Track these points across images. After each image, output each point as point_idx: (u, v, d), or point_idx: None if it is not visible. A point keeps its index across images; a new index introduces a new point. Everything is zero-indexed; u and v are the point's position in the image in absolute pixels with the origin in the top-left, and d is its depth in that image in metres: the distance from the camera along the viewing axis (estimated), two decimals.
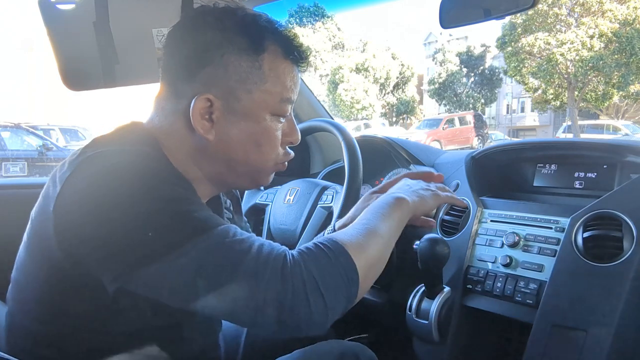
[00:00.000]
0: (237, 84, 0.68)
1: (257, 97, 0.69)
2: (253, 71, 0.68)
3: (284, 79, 0.70)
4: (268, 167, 0.75)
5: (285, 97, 0.71)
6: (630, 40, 15.91)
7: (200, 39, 0.68)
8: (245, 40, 0.67)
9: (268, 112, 0.70)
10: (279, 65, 0.70)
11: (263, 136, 0.71)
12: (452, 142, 16.90)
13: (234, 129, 0.69)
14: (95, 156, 0.63)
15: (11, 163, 8.16)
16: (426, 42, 31.07)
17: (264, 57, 0.68)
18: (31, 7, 1.03)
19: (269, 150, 0.73)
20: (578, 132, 16.20)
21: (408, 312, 1.06)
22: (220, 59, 0.67)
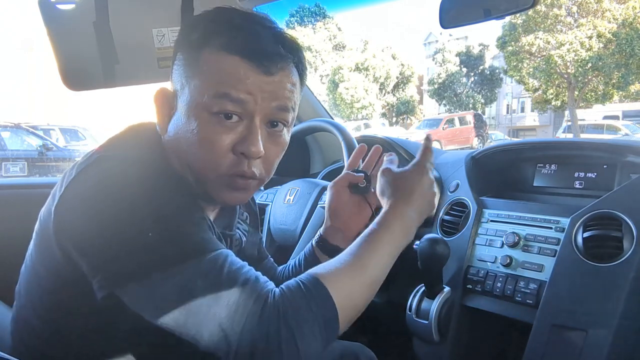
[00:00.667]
0: (181, 79, 0.66)
1: (191, 91, 0.65)
2: (191, 64, 0.65)
3: (220, 73, 0.64)
4: (213, 177, 0.66)
5: (220, 92, 0.63)
6: (629, 40, 15.92)
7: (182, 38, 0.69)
8: (193, 35, 0.66)
9: (203, 109, 0.64)
10: (218, 59, 0.64)
11: (199, 137, 0.64)
12: (452, 142, 16.90)
13: (177, 126, 0.67)
14: (100, 161, 0.63)
15: (11, 163, 8.16)
16: (426, 42, 31.08)
17: (204, 51, 0.64)
18: (31, 7, 1.03)
19: (207, 155, 0.65)
20: (578, 132, 16.20)
21: (408, 312, 1.06)
22: (177, 55, 0.68)
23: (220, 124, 0.64)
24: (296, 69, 0.69)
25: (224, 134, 0.64)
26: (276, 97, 0.66)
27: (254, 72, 0.64)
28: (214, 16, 0.67)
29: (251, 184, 0.69)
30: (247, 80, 0.64)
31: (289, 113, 0.69)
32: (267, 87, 0.65)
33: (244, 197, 0.71)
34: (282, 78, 0.66)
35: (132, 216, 0.58)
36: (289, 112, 0.68)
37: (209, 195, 0.69)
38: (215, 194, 0.68)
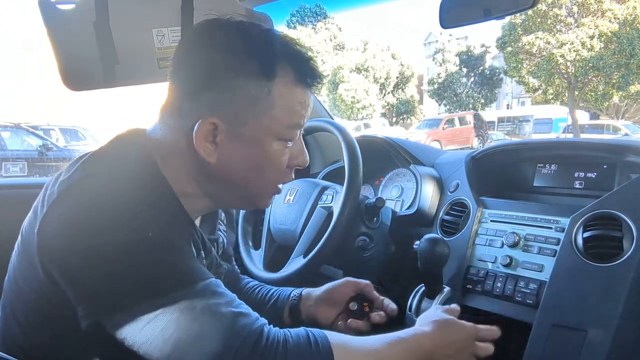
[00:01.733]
0: (244, 109, 0.65)
1: (264, 124, 0.66)
2: (262, 97, 0.65)
3: (294, 105, 0.67)
4: (269, 191, 0.74)
5: (293, 122, 0.68)
6: (630, 40, 15.91)
7: (209, 59, 0.65)
8: (255, 64, 0.64)
9: (275, 137, 0.67)
10: (290, 91, 0.66)
11: (267, 162, 0.68)
12: (452, 142, 16.89)
13: (238, 154, 0.67)
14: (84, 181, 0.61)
15: (11, 163, 8.16)
16: (426, 42, 31.08)
17: (275, 82, 0.65)
18: (31, 7, 1.03)
19: (271, 175, 0.70)
20: (578, 132, 16.20)
21: (408, 312, 1.06)
22: (227, 82, 0.64)
23: (285, 146, 0.70)
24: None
25: (285, 154, 0.70)
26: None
27: (309, 96, 0.70)
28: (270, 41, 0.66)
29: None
30: (307, 105, 0.70)
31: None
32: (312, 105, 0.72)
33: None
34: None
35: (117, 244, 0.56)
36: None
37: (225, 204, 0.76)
38: (260, 202, 0.74)
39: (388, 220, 1.21)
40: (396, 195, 1.40)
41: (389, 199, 1.41)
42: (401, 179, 1.43)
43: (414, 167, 1.35)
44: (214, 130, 0.65)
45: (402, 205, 1.37)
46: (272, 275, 1.16)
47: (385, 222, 1.21)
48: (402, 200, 1.38)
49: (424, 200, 1.24)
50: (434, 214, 1.23)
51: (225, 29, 0.66)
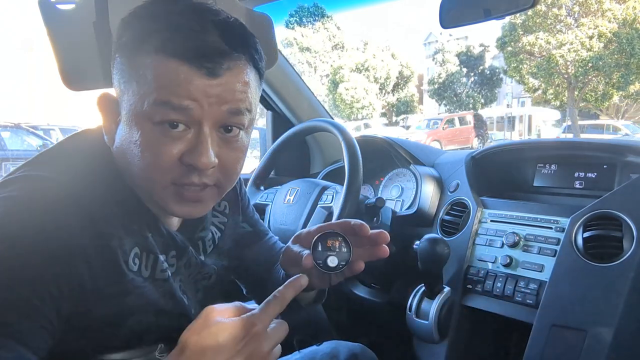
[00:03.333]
0: (119, 85, 0.60)
1: (129, 99, 0.58)
2: (127, 69, 0.59)
3: (159, 79, 0.56)
4: (158, 188, 0.60)
5: (160, 99, 0.56)
6: (630, 40, 15.92)
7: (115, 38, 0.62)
8: (126, 35, 0.59)
9: (147, 118, 0.58)
10: (156, 64, 0.57)
11: (143, 147, 0.58)
12: (452, 142, 16.90)
13: (121, 136, 0.61)
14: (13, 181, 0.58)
15: (11, 163, 8.15)
16: (426, 42, 31.07)
17: (139, 54, 0.58)
18: (31, 7, 1.03)
19: (152, 166, 0.59)
20: (578, 132, 16.21)
21: (408, 312, 1.06)
22: (115, 57, 0.61)
23: (165, 134, 0.58)
24: (250, 65, 0.61)
25: (170, 144, 0.58)
26: (225, 101, 0.58)
27: (196, 75, 0.56)
28: (148, 12, 0.59)
29: (206, 195, 0.63)
30: (190, 86, 0.56)
31: (244, 116, 0.61)
32: (214, 91, 0.57)
33: (200, 210, 0.64)
34: (230, 79, 0.58)
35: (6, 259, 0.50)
36: (244, 114, 0.61)
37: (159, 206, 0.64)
38: (166, 206, 0.62)
39: (388, 220, 1.21)
40: (396, 195, 1.40)
41: (389, 199, 1.41)
42: (401, 179, 1.44)
43: (414, 167, 1.35)
44: (111, 104, 0.62)
45: (402, 205, 1.37)
46: None
47: (385, 222, 1.21)
48: (402, 200, 1.38)
49: (424, 200, 1.24)
50: (434, 214, 1.23)
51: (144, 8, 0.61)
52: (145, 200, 0.64)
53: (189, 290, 0.73)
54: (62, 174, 0.59)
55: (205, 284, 0.76)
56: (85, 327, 0.57)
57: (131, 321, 0.61)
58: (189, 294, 0.72)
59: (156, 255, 0.65)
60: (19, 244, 0.51)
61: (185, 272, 0.72)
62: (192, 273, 0.73)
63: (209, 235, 0.77)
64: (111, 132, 0.62)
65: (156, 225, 0.66)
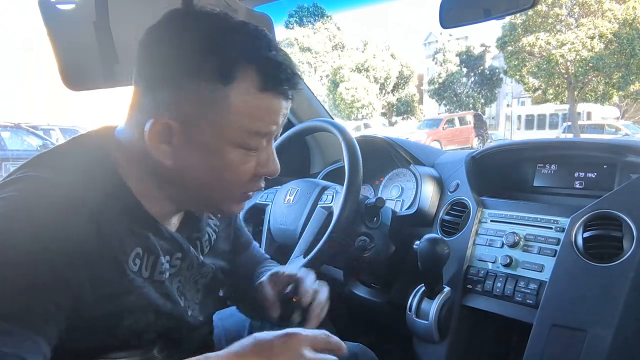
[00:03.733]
0: (198, 112, 0.60)
1: (220, 129, 0.61)
2: (217, 101, 0.60)
3: (256, 112, 0.61)
4: (234, 197, 0.69)
5: (255, 130, 0.62)
6: (630, 40, 15.91)
7: (168, 54, 0.60)
8: (212, 65, 0.59)
9: (234, 145, 0.62)
10: (252, 97, 0.60)
11: (227, 170, 0.64)
12: (452, 142, 16.90)
13: (195, 158, 0.63)
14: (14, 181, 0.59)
15: (11, 163, 8.15)
16: (426, 42, 31.07)
17: (233, 87, 0.59)
18: (31, 7, 1.03)
19: (234, 182, 0.65)
20: (578, 132, 16.20)
21: (408, 312, 1.06)
22: (183, 81, 0.60)
23: (247, 154, 0.64)
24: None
25: (248, 162, 0.65)
26: (285, 116, 0.67)
27: (281, 102, 0.64)
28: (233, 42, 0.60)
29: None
30: (276, 113, 0.64)
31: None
32: (286, 112, 0.66)
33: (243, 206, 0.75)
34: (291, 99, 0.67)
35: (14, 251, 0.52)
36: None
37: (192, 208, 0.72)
38: (225, 209, 0.71)
39: (388, 220, 1.21)
40: (396, 195, 1.40)
41: (389, 199, 1.41)
42: (401, 179, 1.44)
43: (414, 167, 1.35)
44: (169, 130, 0.61)
45: (402, 205, 1.37)
46: None
47: (385, 222, 1.21)
48: (402, 200, 1.38)
49: (424, 200, 1.24)
50: (434, 214, 1.23)
51: (188, 21, 0.61)
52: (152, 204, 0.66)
53: (189, 291, 0.74)
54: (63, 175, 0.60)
55: (204, 282, 0.77)
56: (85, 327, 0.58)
57: (130, 321, 0.62)
58: (187, 295, 0.73)
59: (157, 256, 0.66)
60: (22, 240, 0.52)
61: (187, 273, 0.73)
62: (193, 274, 0.74)
63: (205, 236, 0.79)
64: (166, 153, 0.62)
65: (157, 228, 0.66)
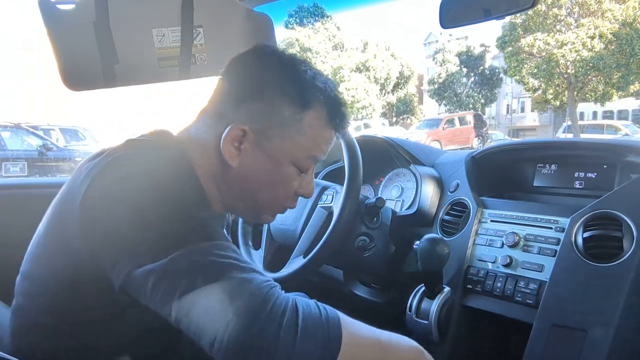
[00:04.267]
0: (274, 127, 0.72)
1: (287, 146, 0.72)
2: (293, 122, 0.72)
3: (318, 139, 0.74)
4: (273, 208, 0.80)
5: (313, 154, 0.75)
6: (630, 40, 15.92)
7: (263, 74, 0.73)
8: (296, 91, 0.72)
9: (292, 162, 0.74)
10: (319, 126, 0.74)
11: (279, 181, 0.75)
12: (452, 142, 16.89)
13: (257, 165, 0.73)
14: (125, 157, 0.66)
15: (11, 163, 8.16)
16: (426, 42, 31.07)
17: (308, 113, 0.72)
18: (31, 7, 1.03)
19: (280, 195, 0.76)
20: (578, 132, 16.20)
21: (408, 312, 1.06)
22: (270, 98, 0.72)
23: (298, 174, 0.76)
24: None
25: (294, 181, 0.76)
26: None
27: (334, 137, 0.78)
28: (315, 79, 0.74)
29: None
30: (329, 145, 0.77)
31: None
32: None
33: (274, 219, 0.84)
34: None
35: (156, 208, 0.61)
36: None
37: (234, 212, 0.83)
38: (263, 218, 0.81)
39: (388, 220, 1.21)
40: (396, 195, 1.40)
41: (389, 199, 1.41)
42: (401, 179, 1.44)
43: (414, 167, 1.35)
44: (242, 136, 0.71)
45: (402, 205, 1.37)
46: (271, 275, 1.16)
47: (385, 222, 1.21)
48: (402, 200, 1.38)
49: (424, 200, 1.24)
50: (434, 214, 1.23)
51: (280, 55, 0.76)
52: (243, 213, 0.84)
53: None
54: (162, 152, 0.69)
55: None
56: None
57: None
58: None
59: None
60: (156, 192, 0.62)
61: None
62: None
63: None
64: (233, 155, 0.72)
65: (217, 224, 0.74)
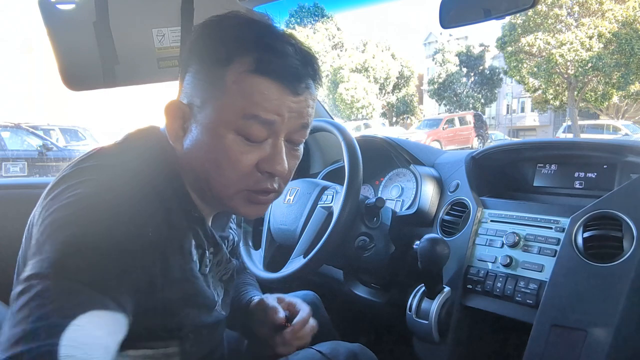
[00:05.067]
0: (202, 95, 0.65)
1: (218, 110, 0.64)
2: (215, 83, 0.64)
3: (250, 94, 0.63)
4: (232, 193, 0.67)
5: (250, 113, 0.63)
6: (629, 40, 15.93)
7: (188, 48, 0.68)
8: (213, 51, 0.64)
9: (230, 129, 0.64)
10: (244, 79, 0.63)
11: (222, 156, 0.64)
12: (452, 142, 16.90)
13: (197, 143, 0.65)
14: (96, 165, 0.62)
15: (11, 163, 8.16)
16: (426, 42, 31.07)
17: (230, 67, 0.63)
18: (31, 8, 1.03)
19: (232, 174, 0.65)
20: (578, 132, 16.20)
21: (408, 312, 1.06)
22: (196, 68, 0.66)
23: (246, 144, 0.65)
24: (317, 86, 0.70)
25: (250, 153, 0.65)
26: (301, 116, 0.67)
27: (284, 93, 0.64)
28: (239, 32, 0.65)
29: (271, 198, 0.71)
30: (277, 102, 0.64)
31: (308, 129, 0.70)
32: (294, 107, 0.66)
33: (263, 210, 0.72)
34: (307, 97, 0.67)
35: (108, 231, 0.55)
36: (308, 128, 0.70)
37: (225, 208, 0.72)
38: (235, 208, 0.69)
39: (388, 220, 1.21)
40: (396, 195, 1.40)
41: (389, 199, 1.41)
42: (401, 179, 1.44)
43: (414, 167, 1.35)
44: (181, 117, 0.66)
45: (402, 205, 1.37)
46: (272, 275, 1.16)
47: (385, 222, 1.21)
48: (402, 200, 1.38)
49: (424, 200, 1.24)
50: (434, 214, 1.23)
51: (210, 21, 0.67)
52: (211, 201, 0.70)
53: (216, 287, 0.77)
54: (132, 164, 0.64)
55: (226, 278, 0.81)
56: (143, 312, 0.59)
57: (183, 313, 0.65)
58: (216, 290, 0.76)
59: (204, 250, 0.70)
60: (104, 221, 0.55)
61: (215, 269, 0.76)
62: (220, 270, 0.78)
63: (230, 236, 0.84)
64: (178, 138, 0.67)
65: (203, 222, 0.70)
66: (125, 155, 0.67)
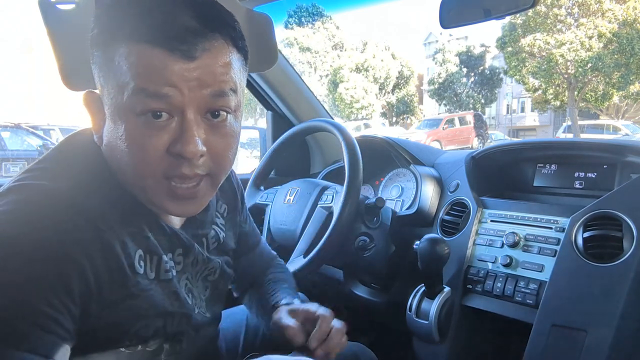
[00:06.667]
0: (99, 80, 0.58)
1: (109, 93, 0.56)
2: (104, 63, 0.56)
3: (133, 67, 0.54)
4: (151, 183, 0.58)
5: (136, 88, 0.54)
6: (630, 40, 15.93)
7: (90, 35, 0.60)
8: (100, 27, 0.57)
9: (128, 111, 0.55)
10: (131, 52, 0.54)
11: (129, 142, 0.56)
12: (452, 142, 16.89)
13: (107, 133, 0.59)
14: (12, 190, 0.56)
15: (11, 163, 8.15)
16: (426, 42, 31.07)
17: (112, 44, 0.55)
18: (30, 8, 1.03)
19: (138, 161, 0.57)
20: (578, 132, 16.20)
21: (408, 312, 1.06)
22: (92, 53, 0.58)
23: (149, 125, 0.55)
24: (230, 45, 0.58)
25: (155, 135, 0.56)
26: (207, 84, 0.56)
27: (171, 59, 0.54)
28: (121, 4, 0.57)
29: (200, 190, 0.61)
30: (165, 71, 0.54)
31: (229, 97, 0.58)
32: (192, 75, 0.55)
33: (196, 207, 0.62)
34: (209, 60, 0.56)
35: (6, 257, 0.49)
36: (228, 96, 0.58)
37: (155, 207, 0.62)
38: (160, 204, 0.60)
39: (388, 220, 1.21)
40: (396, 195, 1.40)
41: (389, 199, 1.41)
42: (401, 179, 1.44)
43: (414, 167, 1.35)
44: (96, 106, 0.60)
45: (402, 205, 1.37)
46: None
47: (385, 222, 1.21)
48: (402, 200, 1.38)
49: (424, 200, 1.24)
50: (434, 214, 1.23)
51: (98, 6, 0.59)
52: (143, 199, 0.61)
53: (196, 288, 0.73)
54: (59, 181, 0.57)
55: (212, 278, 0.76)
56: (92, 331, 0.56)
57: (139, 325, 0.61)
58: (194, 292, 0.72)
59: (159, 256, 0.64)
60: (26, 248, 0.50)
61: (192, 269, 0.72)
62: (199, 270, 0.73)
63: (212, 232, 0.77)
64: (99, 131, 0.60)
65: (158, 224, 0.64)
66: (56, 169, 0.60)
